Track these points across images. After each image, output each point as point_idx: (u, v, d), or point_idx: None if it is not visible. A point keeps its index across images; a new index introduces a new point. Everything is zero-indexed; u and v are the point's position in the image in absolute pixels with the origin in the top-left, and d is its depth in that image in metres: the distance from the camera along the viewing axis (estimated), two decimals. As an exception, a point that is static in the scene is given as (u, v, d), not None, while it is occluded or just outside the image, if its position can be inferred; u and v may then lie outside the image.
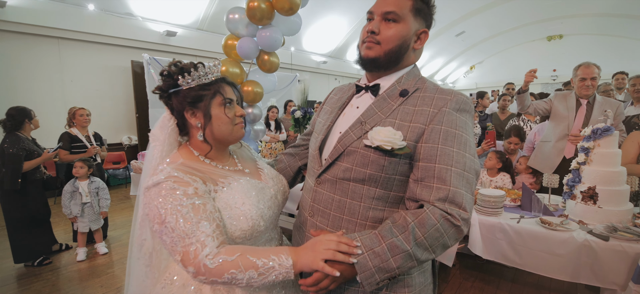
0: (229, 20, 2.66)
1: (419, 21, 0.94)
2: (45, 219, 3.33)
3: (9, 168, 2.95)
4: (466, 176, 0.83)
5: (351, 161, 0.91)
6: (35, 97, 5.70)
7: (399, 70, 0.97)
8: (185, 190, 0.87)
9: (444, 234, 0.80)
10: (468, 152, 0.85)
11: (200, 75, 0.99)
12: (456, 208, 0.80)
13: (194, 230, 0.84)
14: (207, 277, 0.82)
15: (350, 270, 0.82)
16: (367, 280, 0.81)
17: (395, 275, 0.82)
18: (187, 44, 7.67)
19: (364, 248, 0.82)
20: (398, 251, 0.80)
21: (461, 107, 0.88)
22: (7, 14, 5.25)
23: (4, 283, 2.88)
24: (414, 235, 0.80)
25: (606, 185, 1.99)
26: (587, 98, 2.71)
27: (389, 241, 0.81)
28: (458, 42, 14.53)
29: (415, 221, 0.81)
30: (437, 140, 0.84)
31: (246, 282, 0.82)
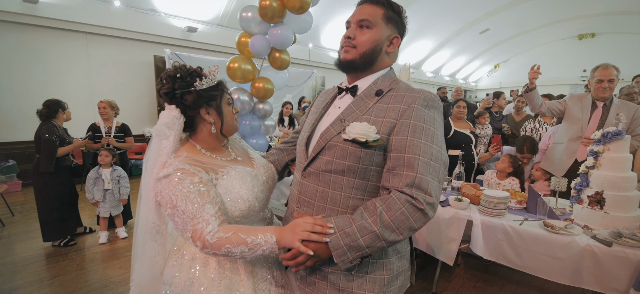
0: (242, 19, 2.75)
1: (391, 28, 1.05)
2: (73, 202, 3.57)
3: (45, 153, 3.20)
4: (433, 165, 0.91)
5: (332, 155, 1.00)
6: (64, 89, 6.05)
7: (375, 72, 1.07)
8: (191, 179, 1.01)
9: (410, 217, 0.88)
10: (435, 144, 0.93)
11: (210, 79, 1.15)
12: (422, 193, 0.88)
13: (200, 212, 0.98)
14: (209, 250, 0.97)
15: (324, 249, 0.92)
16: (340, 258, 0.91)
17: (366, 254, 0.91)
18: (207, 39, 7.87)
19: (336, 229, 0.92)
20: (367, 232, 0.89)
21: (429, 103, 0.97)
22: (40, 10, 5.59)
23: (33, 260, 3.12)
24: (381, 217, 0.89)
25: (614, 190, 1.95)
26: (603, 101, 2.64)
27: (359, 223, 0.90)
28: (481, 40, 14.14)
29: (383, 205, 0.90)
30: (406, 133, 0.93)
31: (239, 255, 0.95)
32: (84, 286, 2.69)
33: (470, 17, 11.92)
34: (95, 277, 2.83)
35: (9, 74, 5.58)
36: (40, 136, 3.23)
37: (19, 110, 5.58)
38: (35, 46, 5.79)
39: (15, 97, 5.48)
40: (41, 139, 3.21)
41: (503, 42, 14.74)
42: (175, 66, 1.15)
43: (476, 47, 14.77)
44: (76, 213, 3.63)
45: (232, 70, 2.79)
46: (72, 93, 6.11)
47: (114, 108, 4.03)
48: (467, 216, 2.31)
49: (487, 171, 3.19)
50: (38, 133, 3.26)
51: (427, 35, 12.30)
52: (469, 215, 2.30)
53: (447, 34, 12.63)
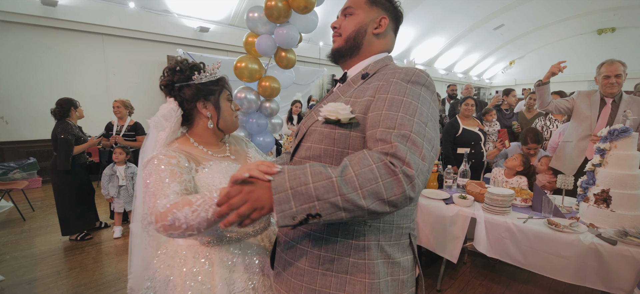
0: (249, 19, 2.80)
1: (377, 10, 1.01)
2: (89, 198, 3.72)
3: (61, 151, 3.34)
4: (412, 138, 0.75)
5: (311, 140, 0.93)
6: (81, 89, 6.26)
7: (365, 58, 1.01)
8: (169, 160, 1.02)
9: (379, 179, 0.70)
10: (417, 118, 0.78)
11: (209, 73, 1.15)
12: (398, 161, 0.71)
13: (165, 189, 0.94)
14: (158, 222, 0.87)
15: (266, 193, 0.74)
16: (281, 206, 0.71)
17: (314, 212, 0.70)
18: (219, 39, 7.99)
19: (286, 171, 0.74)
20: (321, 177, 0.71)
21: (412, 78, 0.85)
22: (58, 12, 5.80)
23: (51, 253, 3.28)
24: (345, 169, 0.72)
25: (621, 188, 1.92)
26: (612, 97, 2.58)
27: (315, 168, 0.74)
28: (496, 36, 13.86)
29: (352, 159, 0.75)
30: (382, 107, 0.82)
31: (183, 220, 0.84)
32: (98, 278, 2.80)
33: (484, 13, 11.70)
34: (109, 270, 2.95)
35: (29, 74, 5.81)
36: (56, 135, 3.38)
37: (40, 109, 5.80)
38: (54, 47, 6.01)
39: (35, 97, 5.71)
40: (57, 138, 3.36)
41: (518, 37, 14.41)
42: (177, 60, 1.17)
43: (490, 43, 14.48)
44: (93, 208, 3.77)
45: (240, 69, 2.85)
46: (89, 93, 6.32)
47: (127, 107, 4.16)
48: (470, 213, 2.30)
49: (495, 168, 3.16)
50: (54, 132, 3.41)
51: (439, 32, 12.14)
52: (473, 212, 2.30)
53: (460, 30, 12.43)
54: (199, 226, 0.85)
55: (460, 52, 14.35)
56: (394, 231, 0.91)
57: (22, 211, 4.27)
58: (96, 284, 2.70)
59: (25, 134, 5.86)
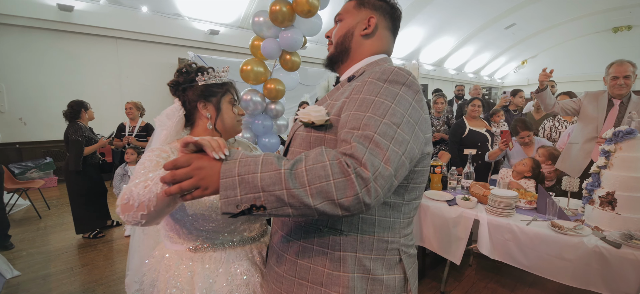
0: (255, 23, 2.86)
1: (364, 11, 0.98)
2: (101, 197, 3.83)
3: (72, 152, 3.46)
4: (376, 139, 0.70)
5: (295, 144, 0.91)
6: (96, 91, 6.45)
7: (357, 61, 0.98)
8: (160, 153, 1.04)
9: (331, 177, 0.66)
10: (387, 119, 0.73)
11: (214, 76, 1.18)
12: (354, 161, 0.67)
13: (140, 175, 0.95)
14: (119, 203, 0.86)
15: (215, 172, 0.71)
16: (226, 191, 0.68)
17: (258, 203, 0.68)
18: (228, 41, 8.11)
19: (240, 155, 0.72)
20: (270, 168, 0.68)
21: (390, 77, 0.79)
22: (74, 17, 5.99)
23: (66, 250, 3.40)
24: (297, 163, 0.69)
25: (626, 191, 1.89)
26: (620, 98, 2.54)
27: (268, 157, 0.71)
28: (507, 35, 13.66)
29: (307, 154, 0.71)
30: (352, 108, 0.78)
31: (136, 197, 0.82)
32: (109, 275, 2.90)
33: (495, 12, 11.54)
34: (120, 267, 3.04)
35: (47, 77, 6.02)
36: (68, 137, 3.50)
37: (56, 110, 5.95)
38: (70, 51, 6.22)
39: (52, 98, 5.90)
40: (69, 140, 3.47)
41: (531, 36, 14.17)
42: (186, 63, 1.22)
43: (501, 42, 14.27)
44: (105, 207, 3.89)
45: (245, 72, 2.90)
46: (103, 94, 6.51)
47: (139, 108, 4.28)
48: (474, 215, 2.30)
49: (502, 169, 3.12)
50: (66, 133, 3.54)
51: (449, 31, 12.04)
52: (476, 214, 2.30)
53: (470, 29, 12.30)
54: (149, 203, 0.81)
55: (471, 52, 14.18)
56: (374, 244, 0.84)
57: (38, 210, 4.42)
58: (107, 281, 2.79)
59: (42, 135, 6.07)
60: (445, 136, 4.44)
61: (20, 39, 5.72)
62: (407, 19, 10.20)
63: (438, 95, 4.72)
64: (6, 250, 3.33)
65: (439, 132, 4.56)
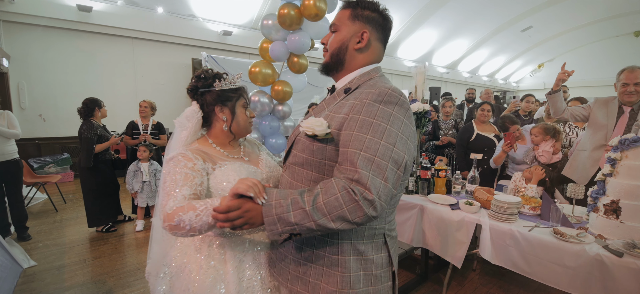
0: (263, 26, 2.92)
1: (358, 24, 1.05)
2: (114, 193, 3.96)
3: (84, 150, 3.60)
4: (377, 162, 0.86)
5: (297, 149, 1.04)
6: (111, 89, 6.65)
7: (350, 71, 1.07)
8: (185, 163, 1.13)
9: (343, 205, 0.84)
10: (385, 140, 0.88)
11: (229, 82, 1.29)
12: (360, 187, 0.83)
13: (176, 190, 1.06)
14: (165, 222, 0.99)
15: (258, 213, 0.91)
16: (269, 226, 0.90)
17: (295, 232, 0.88)
18: (241, 42, 8.24)
19: (273, 197, 0.92)
20: (298, 207, 0.87)
21: (385, 99, 0.92)
22: (93, 17, 6.20)
23: (79, 243, 3.54)
24: (316, 198, 0.87)
25: (631, 199, 1.86)
26: (630, 106, 2.49)
27: (294, 197, 0.90)
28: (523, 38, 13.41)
29: (322, 188, 0.88)
30: (353, 128, 0.91)
31: (188, 222, 0.97)
32: (120, 267, 3.00)
33: (511, 15, 11.36)
34: (130, 260, 3.14)
35: (66, 75, 6.25)
36: (80, 134, 3.62)
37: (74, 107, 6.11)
38: (88, 50, 6.43)
39: (70, 96, 6.11)
40: (81, 137, 3.60)
41: (548, 40, 13.88)
42: (204, 69, 1.32)
43: (517, 45, 14.02)
44: (117, 202, 4.02)
45: (254, 74, 2.97)
46: (119, 93, 6.71)
47: (153, 108, 4.39)
48: (476, 219, 2.30)
49: (515, 173, 3.06)
50: (79, 131, 3.66)
51: (463, 34, 11.91)
52: (479, 218, 2.29)
53: (485, 32, 12.13)
54: (201, 228, 0.98)
55: (485, 55, 13.99)
56: (366, 232, 1.01)
57: (55, 203, 4.60)
58: (118, 273, 2.90)
59: (60, 131, 6.29)
60: (452, 140, 4.41)
61: (41, 38, 5.96)
62: (421, 21, 10.13)
63: (446, 98, 4.70)
64: (24, 241, 3.49)
65: (447, 135, 4.53)
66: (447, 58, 13.14)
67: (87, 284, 2.73)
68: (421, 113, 2.85)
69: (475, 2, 9.87)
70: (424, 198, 2.68)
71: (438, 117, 4.79)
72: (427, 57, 12.33)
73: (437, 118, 4.76)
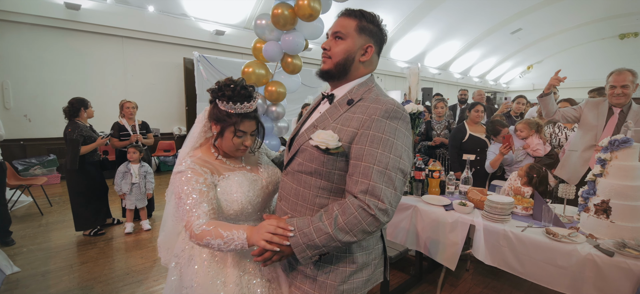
0: (257, 26, 2.89)
1: (364, 38, 1.11)
2: (102, 195, 3.87)
3: (69, 151, 3.49)
4: (388, 174, 0.97)
5: (303, 157, 1.09)
6: (102, 90, 6.53)
7: (350, 81, 1.13)
8: (197, 179, 1.20)
9: (362, 221, 0.96)
10: (393, 154, 0.99)
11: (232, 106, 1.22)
12: (374, 200, 0.95)
13: (197, 207, 1.15)
14: (194, 240, 1.13)
15: (289, 249, 1.03)
16: (300, 254, 1.01)
17: (324, 252, 1.01)
18: (234, 42, 8.18)
19: (296, 230, 1.02)
20: (322, 233, 0.98)
21: (391, 115, 1.02)
22: (81, 16, 6.08)
23: (65, 247, 3.44)
24: (336, 220, 0.98)
25: (621, 200, 1.88)
26: (620, 107, 2.53)
27: (316, 224, 1.00)
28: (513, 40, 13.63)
29: (339, 210, 0.99)
30: (365, 142, 1.00)
31: (217, 247, 1.09)
32: (108, 272, 2.93)
33: (502, 17, 11.52)
34: (119, 265, 3.08)
35: (52, 74, 6.11)
36: (66, 135, 3.52)
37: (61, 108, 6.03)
38: (76, 49, 6.31)
39: (57, 96, 5.97)
40: (66, 138, 3.49)
41: (537, 42, 14.13)
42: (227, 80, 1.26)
43: (508, 47, 14.24)
44: (106, 205, 3.92)
45: (247, 74, 2.94)
46: (108, 93, 6.59)
47: (136, 108, 4.30)
48: (470, 220, 2.30)
49: (512, 174, 3.09)
50: (65, 132, 3.55)
51: (455, 35, 12.03)
52: (472, 219, 2.30)
53: (476, 34, 12.28)
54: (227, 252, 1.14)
55: (477, 56, 14.15)
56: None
57: (40, 206, 4.49)
58: (106, 279, 2.83)
59: (46, 131, 6.15)
60: (445, 141, 4.44)
61: (27, 37, 5.82)
62: (414, 22, 10.19)
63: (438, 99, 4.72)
64: (7, 246, 3.38)
65: (440, 136, 4.56)
66: (439, 60, 13.26)
67: (73, 290, 2.65)
68: (415, 114, 2.85)
69: (467, 3, 9.98)
70: (418, 199, 2.68)
71: (431, 117, 4.82)
72: (419, 58, 12.42)
73: (430, 118, 4.79)
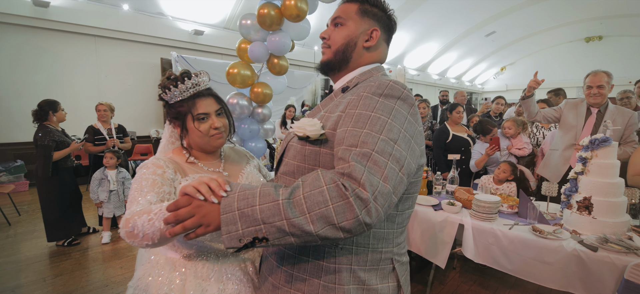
0: (242, 26, 2.82)
1: (368, 21, 0.96)
2: (76, 203, 3.66)
3: (40, 158, 3.27)
4: (374, 157, 0.70)
5: (288, 156, 0.91)
6: (73, 91, 6.21)
7: (352, 70, 0.97)
8: (155, 169, 1.04)
9: (329, 201, 0.66)
10: (384, 135, 0.73)
11: (180, 91, 1.10)
12: (352, 182, 0.67)
13: (140, 196, 0.97)
14: (122, 228, 0.89)
15: (216, 214, 0.73)
16: (227, 227, 0.70)
17: (260, 236, 0.69)
18: (214, 42, 8.00)
19: (238, 190, 0.74)
20: (268, 200, 0.69)
21: (385, 91, 0.80)
22: (50, 13, 5.76)
23: (37, 259, 3.23)
24: (294, 191, 0.70)
25: (602, 196, 1.97)
26: (597, 107, 2.65)
27: (266, 188, 0.72)
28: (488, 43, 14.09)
29: (304, 180, 0.72)
30: (348, 124, 0.77)
31: (141, 227, 0.85)
32: (85, 285, 2.77)
33: (477, 20, 11.90)
34: (96, 276, 2.92)
35: (19, 75, 5.75)
36: (36, 141, 3.29)
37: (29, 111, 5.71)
38: (45, 48, 5.96)
39: (25, 98, 5.62)
40: (37, 144, 3.27)
41: (509, 44, 14.68)
42: (165, 76, 1.16)
43: (483, 49, 14.72)
44: (80, 213, 3.71)
45: (232, 75, 2.85)
46: (80, 95, 6.28)
47: (112, 110, 4.10)
48: (458, 220, 2.34)
49: (484, 176, 3.21)
50: (35, 137, 3.32)
51: (433, 37, 12.31)
52: (461, 218, 2.34)
53: (453, 36, 12.62)
54: (153, 235, 0.85)
55: (454, 58, 14.54)
56: (369, 255, 0.84)
57: (7, 216, 4.20)
58: (83, 291, 2.67)
59: (13, 136, 5.78)
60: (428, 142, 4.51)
61: (-10, 35, 5.45)
62: (393, 23, 10.34)
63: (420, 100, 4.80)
64: (-27, 259, 3.14)
65: (423, 136, 4.63)
66: (418, 61, 13.52)
67: (48, 304, 2.50)
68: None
69: (445, 6, 10.24)
70: (407, 199, 2.70)
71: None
72: (399, 59, 12.60)
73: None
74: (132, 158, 6.84)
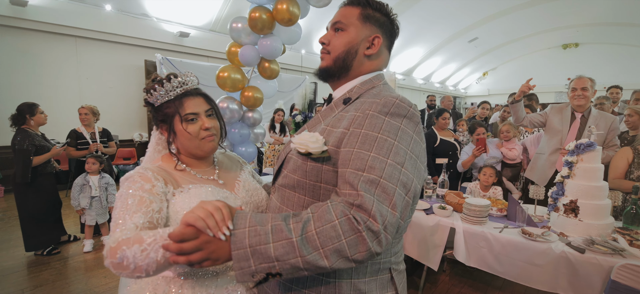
0: (232, 29, 2.78)
1: (370, 27, 0.93)
2: (56, 211, 3.51)
3: (18, 163, 3.13)
4: (383, 184, 0.70)
5: (288, 168, 0.88)
6: (53, 93, 5.99)
7: (352, 79, 0.94)
8: (142, 184, 0.93)
9: (342, 236, 0.66)
10: (392, 159, 0.72)
11: (167, 91, 1.03)
12: (363, 214, 0.67)
13: (126, 217, 0.86)
14: (107, 258, 0.78)
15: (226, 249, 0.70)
16: (239, 263, 0.68)
17: (274, 272, 0.68)
18: (199, 44, 7.88)
19: (248, 223, 0.71)
20: (281, 237, 0.68)
21: (391, 110, 0.78)
22: (28, 13, 5.54)
23: (14, 270, 3.08)
24: (306, 226, 0.69)
25: (587, 199, 2.03)
26: (581, 111, 2.75)
27: (276, 223, 0.70)
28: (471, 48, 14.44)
29: (314, 212, 0.71)
30: (354, 144, 0.76)
31: (131, 259, 0.75)
32: (68, 295, 2.66)
33: (461, 26, 12.18)
34: (79, 286, 2.80)
35: (-6, 78, 5.50)
36: (14, 145, 3.16)
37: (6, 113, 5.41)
38: (23, 49, 5.73)
39: (2, 101, 5.37)
40: (15, 149, 3.13)
41: (491, 50, 15.07)
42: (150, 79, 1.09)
43: (466, 54, 15.06)
44: (59, 221, 3.57)
45: (222, 79, 2.81)
46: (60, 97, 6.06)
47: (95, 114, 3.96)
48: (450, 223, 2.37)
49: (472, 182, 3.29)
50: (13, 142, 3.19)
51: (418, 42, 12.52)
52: (452, 222, 2.37)
53: (438, 41, 12.87)
54: (147, 268, 0.76)
55: (438, 62, 14.82)
56: (368, 268, 0.84)
57: (-17, 224, 4.00)
58: (66, 302, 2.57)
59: (-12, 140, 5.52)
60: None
61: (-37, 35, 5.20)
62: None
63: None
64: (-56, 270, 2.97)
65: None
66: (404, 65, 13.71)
67: (28, 317, 2.38)
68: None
69: (430, 13, 10.45)
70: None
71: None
72: (384, 64, 12.75)
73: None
74: (115, 162, 6.64)
